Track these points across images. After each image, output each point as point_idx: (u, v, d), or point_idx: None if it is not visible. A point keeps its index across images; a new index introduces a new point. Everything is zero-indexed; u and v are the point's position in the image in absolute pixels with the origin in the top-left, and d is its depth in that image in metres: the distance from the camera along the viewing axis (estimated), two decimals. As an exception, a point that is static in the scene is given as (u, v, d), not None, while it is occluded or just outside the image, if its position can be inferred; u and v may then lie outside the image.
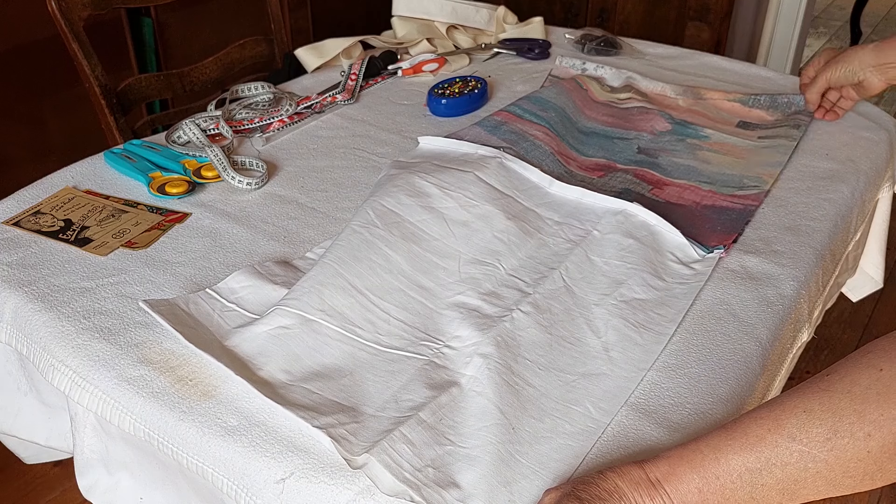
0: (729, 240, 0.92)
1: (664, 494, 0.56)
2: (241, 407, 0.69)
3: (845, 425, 0.53)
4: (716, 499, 0.56)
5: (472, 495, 0.62)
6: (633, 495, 0.57)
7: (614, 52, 1.44)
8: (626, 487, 0.57)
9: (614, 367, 0.75)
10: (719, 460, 0.56)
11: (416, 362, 0.74)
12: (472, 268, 0.85)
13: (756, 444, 0.55)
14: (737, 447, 0.56)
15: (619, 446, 0.67)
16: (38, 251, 0.88)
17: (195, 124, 1.10)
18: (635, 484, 0.57)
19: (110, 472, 0.77)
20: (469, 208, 0.91)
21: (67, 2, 1.26)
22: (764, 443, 0.55)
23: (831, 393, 0.54)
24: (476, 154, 1.03)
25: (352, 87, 1.26)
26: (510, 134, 1.11)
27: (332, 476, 0.63)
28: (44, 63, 1.82)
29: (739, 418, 0.58)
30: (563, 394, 0.72)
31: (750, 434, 0.56)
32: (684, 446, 0.58)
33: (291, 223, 0.95)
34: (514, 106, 1.19)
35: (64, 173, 1.03)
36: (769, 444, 0.55)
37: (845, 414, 0.53)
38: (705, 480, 0.56)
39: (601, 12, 2.57)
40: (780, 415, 0.55)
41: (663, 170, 1.07)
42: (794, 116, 1.19)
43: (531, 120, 1.15)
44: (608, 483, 0.58)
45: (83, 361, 0.74)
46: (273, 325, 0.75)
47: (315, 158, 1.09)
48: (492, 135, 1.11)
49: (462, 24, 1.47)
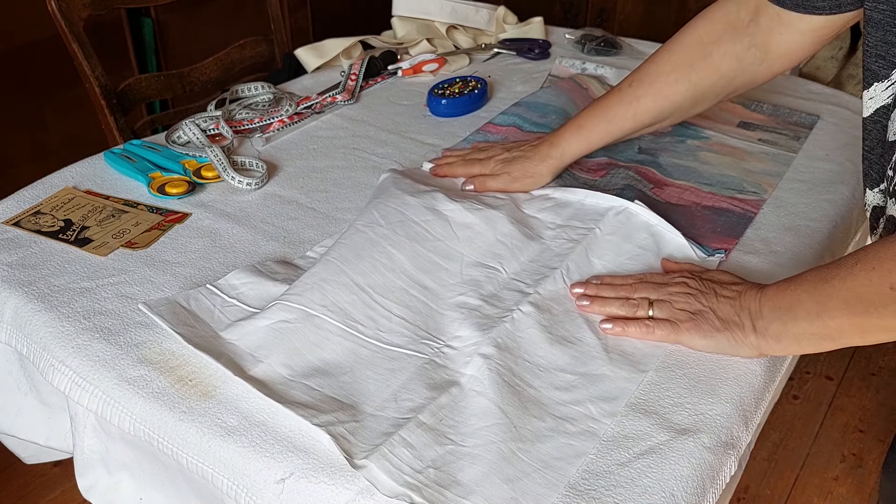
0: (730, 244, 0.92)
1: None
2: (241, 407, 0.69)
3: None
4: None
5: (474, 492, 0.62)
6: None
7: (614, 52, 1.44)
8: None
9: (615, 367, 0.75)
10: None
11: (417, 360, 0.74)
12: (475, 270, 0.85)
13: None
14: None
15: (620, 446, 0.67)
16: (38, 251, 0.88)
17: (195, 124, 1.10)
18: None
19: (110, 472, 0.77)
20: (473, 211, 0.91)
21: (67, 2, 1.27)
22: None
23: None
24: None
25: (352, 88, 1.26)
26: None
27: (332, 476, 0.63)
28: (44, 63, 1.82)
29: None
30: (563, 394, 0.72)
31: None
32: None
33: (291, 223, 0.95)
34: (515, 116, 1.19)
35: (64, 173, 1.03)
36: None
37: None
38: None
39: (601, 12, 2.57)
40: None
41: (664, 169, 1.07)
42: (795, 127, 1.19)
43: (532, 131, 1.14)
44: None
45: (83, 361, 0.74)
46: (275, 318, 0.75)
47: (315, 159, 1.09)
48: None
49: (462, 24, 1.47)
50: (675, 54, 0.93)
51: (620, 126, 0.96)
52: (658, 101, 0.94)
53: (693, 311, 0.76)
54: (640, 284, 0.81)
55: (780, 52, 0.88)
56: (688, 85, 0.92)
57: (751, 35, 0.88)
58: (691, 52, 0.91)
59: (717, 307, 0.76)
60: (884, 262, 0.65)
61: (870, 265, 0.65)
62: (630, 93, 0.95)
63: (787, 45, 0.87)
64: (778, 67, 0.90)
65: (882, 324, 0.65)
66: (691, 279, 0.79)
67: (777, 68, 0.90)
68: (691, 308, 0.77)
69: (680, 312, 0.77)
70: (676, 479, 0.64)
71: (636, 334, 0.77)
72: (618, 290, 0.81)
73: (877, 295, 0.64)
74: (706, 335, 0.75)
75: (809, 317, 0.69)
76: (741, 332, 0.74)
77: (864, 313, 0.66)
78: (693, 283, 0.79)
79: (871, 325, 0.66)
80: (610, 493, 0.63)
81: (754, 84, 0.93)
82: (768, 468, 1.67)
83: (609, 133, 0.97)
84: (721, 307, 0.76)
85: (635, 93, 0.94)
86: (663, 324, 0.77)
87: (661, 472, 0.65)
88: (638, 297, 0.79)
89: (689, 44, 0.92)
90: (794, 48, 0.87)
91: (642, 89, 0.94)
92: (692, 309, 0.77)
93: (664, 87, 0.93)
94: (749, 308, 0.74)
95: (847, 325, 0.67)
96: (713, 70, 0.91)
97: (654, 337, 0.77)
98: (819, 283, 0.69)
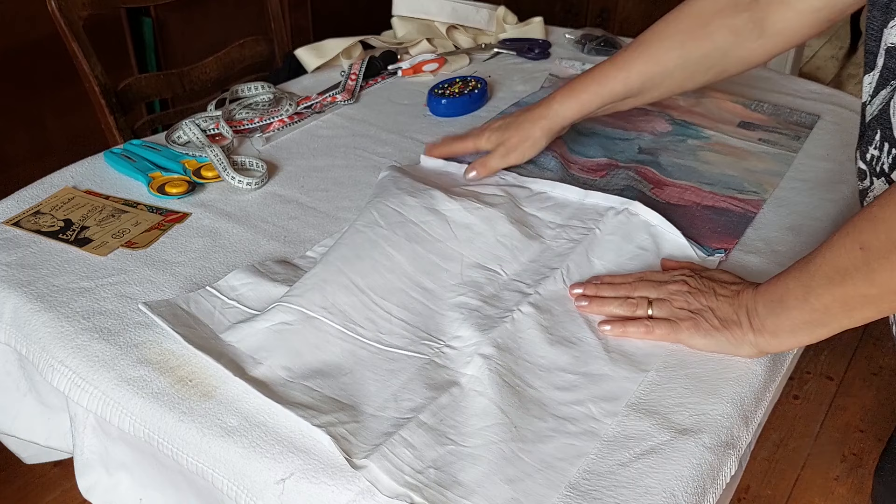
0: (730, 244, 0.92)
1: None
2: (241, 407, 0.69)
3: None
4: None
5: (475, 493, 0.62)
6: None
7: (614, 52, 1.43)
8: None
9: (616, 367, 0.75)
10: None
11: (417, 361, 0.74)
12: (475, 272, 0.85)
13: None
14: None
15: (621, 446, 0.67)
16: (37, 251, 0.88)
17: (195, 124, 1.10)
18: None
19: (110, 472, 0.77)
20: (472, 210, 0.91)
21: (67, 1, 1.26)
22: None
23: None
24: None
25: (352, 87, 1.26)
26: None
27: (333, 476, 0.63)
28: (44, 63, 1.82)
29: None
30: (564, 394, 0.72)
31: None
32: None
33: (291, 223, 0.95)
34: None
35: (64, 173, 1.03)
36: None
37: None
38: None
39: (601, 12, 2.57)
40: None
41: (664, 169, 1.07)
42: (795, 127, 1.19)
43: None
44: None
45: (83, 362, 0.74)
46: (275, 320, 0.75)
47: (315, 158, 1.09)
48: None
49: (462, 24, 1.47)
50: (672, 23, 0.93)
51: (611, 89, 0.96)
52: (649, 66, 0.94)
53: (692, 310, 0.76)
54: (640, 283, 0.81)
55: (777, 29, 0.88)
56: (681, 52, 0.93)
57: (751, 10, 0.89)
58: (689, 21, 0.92)
59: (716, 306, 0.76)
60: (855, 223, 0.64)
61: (844, 231, 0.65)
62: (624, 57, 0.96)
63: (785, 22, 0.87)
64: (772, 46, 0.90)
65: (858, 292, 0.64)
66: (691, 277, 0.79)
67: (771, 47, 0.91)
68: (690, 307, 0.77)
69: (679, 311, 0.77)
70: (677, 478, 0.64)
71: (635, 334, 0.77)
72: (617, 289, 0.81)
73: (850, 259, 0.64)
74: (706, 334, 0.75)
75: (798, 303, 0.69)
76: (740, 330, 0.74)
77: (842, 283, 0.65)
78: (693, 281, 0.79)
79: (852, 297, 0.65)
80: (611, 493, 0.63)
81: (748, 64, 0.93)
82: (769, 468, 1.67)
83: (599, 95, 0.97)
84: (720, 306, 0.76)
85: (629, 56, 0.95)
86: (663, 323, 0.77)
87: (662, 471, 0.65)
88: (637, 296, 0.79)
89: (690, 13, 0.93)
90: (792, 27, 0.88)
91: (636, 54, 0.95)
92: (692, 308, 0.77)
93: (657, 52, 0.94)
94: (746, 306, 0.74)
95: (831, 301, 0.67)
96: (707, 40, 0.91)
97: (654, 336, 0.77)
98: (803, 265, 0.69)
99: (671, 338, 0.76)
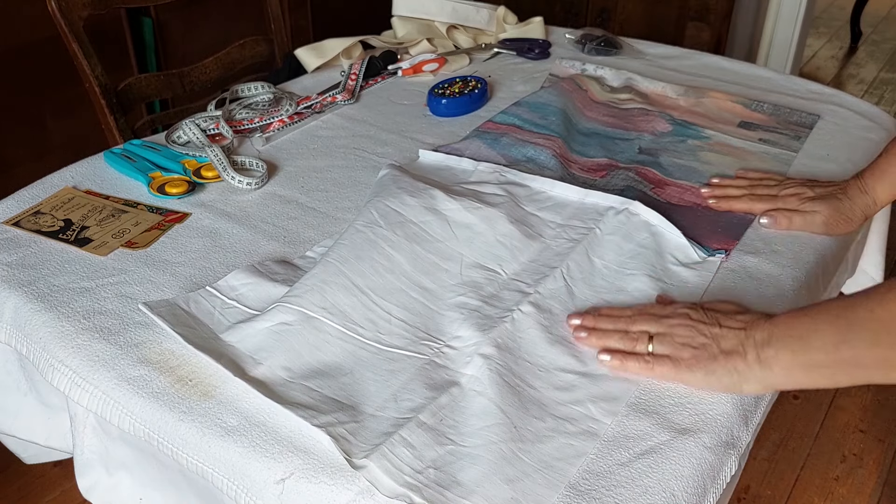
0: (730, 244, 0.92)
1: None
2: (240, 407, 0.69)
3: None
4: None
5: (475, 493, 0.62)
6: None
7: (614, 52, 1.44)
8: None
9: (615, 367, 0.75)
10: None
11: (417, 361, 0.74)
12: (474, 272, 0.85)
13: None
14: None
15: (621, 446, 0.67)
16: (37, 251, 0.88)
17: (195, 124, 1.10)
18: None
19: (110, 472, 0.77)
20: (472, 210, 0.91)
21: (67, 2, 1.26)
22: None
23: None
24: (474, 170, 1.04)
25: (352, 87, 1.26)
26: (510, 147, 1.10)
27: (333, 476, 0.63)
28: (44, 63, 1.82)
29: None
30: (564, 394, 0.72)
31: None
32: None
33: (291, 223, 0.95)
34: (514, 117, 1.18)
35: (64, 173, 1.03)
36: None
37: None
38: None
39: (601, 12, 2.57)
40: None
41: (664, 169, 1.07)
42: (795, 127, 1.19)
43: (532, 130, 1.14)
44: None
45: (83, 361, 0.74)
46: (275, 321, 0.75)
47: (315, 158, 1.09)
48: (491, 148, 1.10)
49: (462, 24, 1.47)
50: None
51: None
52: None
53: (695, 346, 0.73)
54: (640, 316, 0.77)
55: None
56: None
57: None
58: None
59: (720, 337, 0.72)
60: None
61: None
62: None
63: None
64: None
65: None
66: (693, 310, 0.76)
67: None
68: (693, 342, 0.73)
69: (681, 347, 0.73)
70: (677, 478, 0.64)
71: (635, 369, 0.74)
72: (616, 321, 0.77)
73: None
74: (706, 369, 0.71)
75: (826, 347, 0.65)
76: (744, 363, 0.70)
77: (892, 346, 0.62)
78: (695, 314, 0.75)
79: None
80: (611, 493, 0.63)
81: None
82: (769, 468, 1.67)
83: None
84: (725, 335, 0.72)
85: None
86: (663, 360, 0.73)
87: (661, 471, 0.65)
88: (637, 330, 0.76)
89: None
90: None
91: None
92: (695, 343, 0.73)
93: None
94: (755, 338, 0.70)
95: (869, 357, 0.63)
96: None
97: (654, 374, 0.73)
98: (842, 311, 0.65)
99: (672, 377, 0.73)
